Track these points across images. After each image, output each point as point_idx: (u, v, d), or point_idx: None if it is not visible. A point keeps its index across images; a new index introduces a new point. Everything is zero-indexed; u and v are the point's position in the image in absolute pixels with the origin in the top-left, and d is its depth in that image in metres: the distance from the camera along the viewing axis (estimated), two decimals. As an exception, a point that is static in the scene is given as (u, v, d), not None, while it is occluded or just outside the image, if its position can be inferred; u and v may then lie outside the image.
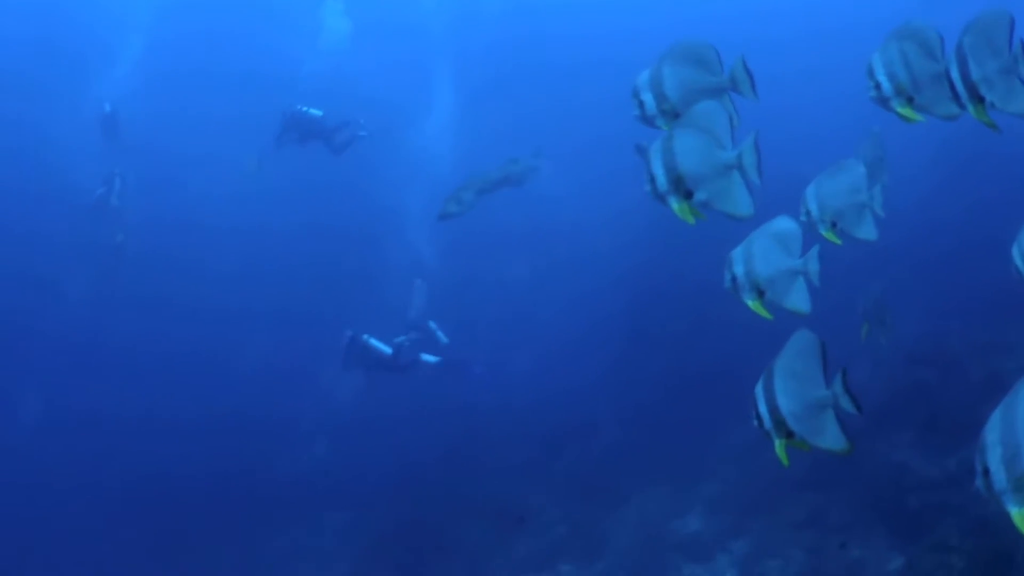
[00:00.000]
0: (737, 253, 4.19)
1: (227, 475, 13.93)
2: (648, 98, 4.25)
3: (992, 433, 2.70)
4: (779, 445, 3.74)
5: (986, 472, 2.71)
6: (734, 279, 4.20)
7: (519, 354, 14.94)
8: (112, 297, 16.45)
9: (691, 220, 4.12)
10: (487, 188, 10.46)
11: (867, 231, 4.49)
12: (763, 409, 3.71)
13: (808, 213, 4.45)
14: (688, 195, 4.07)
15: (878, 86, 4.02)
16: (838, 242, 4.46)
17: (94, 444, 14.33)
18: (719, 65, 4.28)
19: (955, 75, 3.66)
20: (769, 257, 4.16)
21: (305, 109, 13.60)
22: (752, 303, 4.21)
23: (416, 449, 13.40)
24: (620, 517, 10.94)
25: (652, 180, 4.06)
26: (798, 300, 4.22)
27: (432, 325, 13.78)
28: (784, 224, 4.21)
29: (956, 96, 3.70)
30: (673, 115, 4.25)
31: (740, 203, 4.13)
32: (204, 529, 12.94)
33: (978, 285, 10.52)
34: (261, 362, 15.88)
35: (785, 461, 3.71)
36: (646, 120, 4.32)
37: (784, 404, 3.67)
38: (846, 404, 3.63)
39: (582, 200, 17.67)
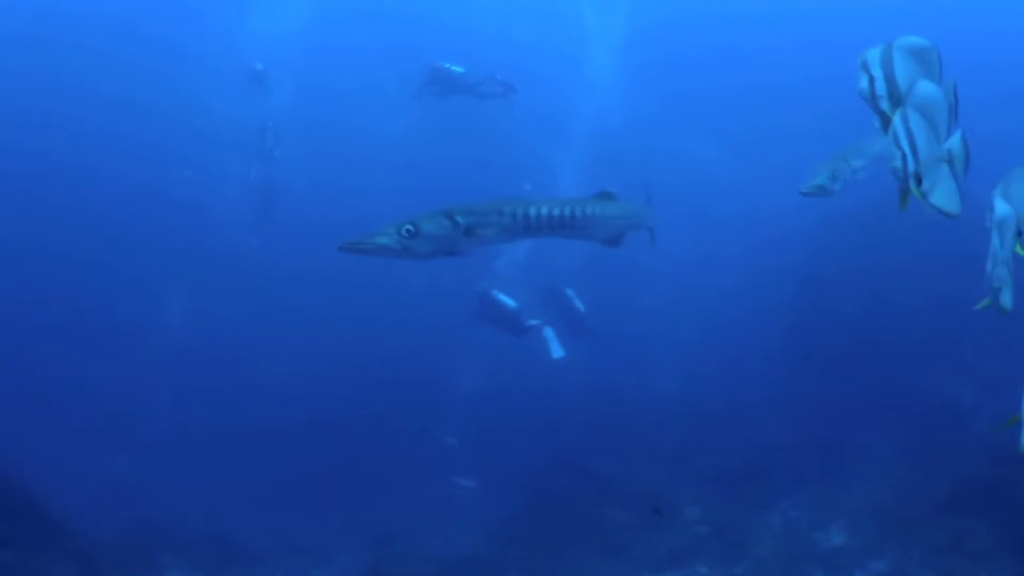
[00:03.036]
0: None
1: (364, 430, 14.09)
2: (879, 74, 4.03)
3: None
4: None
5: None
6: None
7: (672, 336, 14.52)
8: (265, 225, 16.77)
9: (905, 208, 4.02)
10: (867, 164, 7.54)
11: None
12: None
13: (997, 218, 4.11)
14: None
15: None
16: None
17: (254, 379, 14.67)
18: (938, 72, 4.09)
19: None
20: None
21: (447, 65, 13.94)
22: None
23: (556, 423, 13.12)
24: (763, 521, 10.53)
25: (903, 158, 3.89)
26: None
27: (570, 292, 13.52)
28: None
29: None
30: (895, 99, 4.02)
31: (950, 199, 3.98)
32: (338, 483, 13.08)
33: None
34: (411, 311, 15.94)
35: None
36: (869, 97, 4.07)
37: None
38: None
39: (756, 190, 17.09)
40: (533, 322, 12.47)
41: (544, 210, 5.62)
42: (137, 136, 20.17)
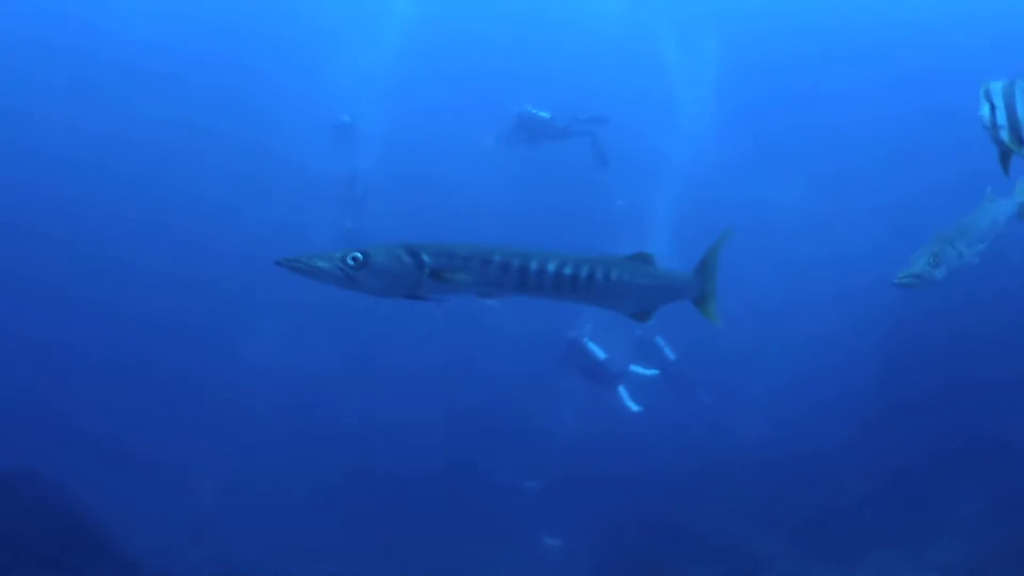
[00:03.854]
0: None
1: (449, 477, 14.11)
2: (1000, 104, 4.29)
3: None
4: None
5: None
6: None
7: (757, 382, 14.26)
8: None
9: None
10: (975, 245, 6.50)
11: None
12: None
13: None
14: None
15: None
16: None
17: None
18: None
19: None
20: None
21: (534, 111, 14.10)
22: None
23: (640, 472, 13.01)
24: (852, 576, 10.19)
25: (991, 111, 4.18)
26: None
27: (659, 341, 13.39)
28: None
29: None
30: (1016, 130, 4.27)
31: None
32: (421, 531, 13.10)
33: None
34: (499, 357, 16.00)
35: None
36: (989, 126, 4.32)
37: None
38: None
39: (845, 232, 16.81)
40: (620, 373, 12.40)
41: (550, 267, 4.79)
42: (229, 191, 20.74)
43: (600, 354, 12.50)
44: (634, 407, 12.42)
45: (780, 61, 23.71)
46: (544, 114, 14.20)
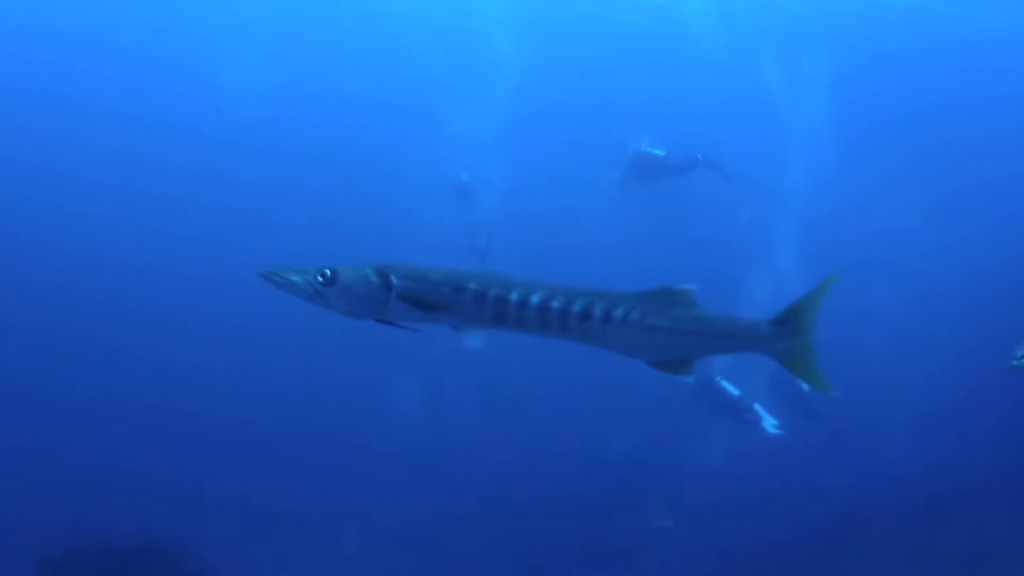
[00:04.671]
0: None
1: (583, 511, 14.01)
2: None
3: None
4: None
5: None
6: None
7: (900, 414, 13.84)
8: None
9: None
10: None
11: None
12: None
13: None
14: None
15: None
16: None
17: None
18: None
19: None
20: None
21: (650, 149, 14.19)
22: None
23: (780, 510, 12.72)
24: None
25: None
26: None
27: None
28: None
29: None
30: None
31: None
32: (554, 566, 13.03)
33: None
34: (631, 391, 15.91)
35: None
36: None
37: None
38: None
39: (969, 254, 16.29)
40: (753, 410, 12.19)
41: (533, 299, 4.25)
42: (366, 250, 21.22)
43: (733, 391, 12.32)
44: (771, 425, 12.09)
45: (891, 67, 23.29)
46: (659, 152, 14.27)
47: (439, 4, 24.45)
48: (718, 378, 12.25)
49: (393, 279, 4.29)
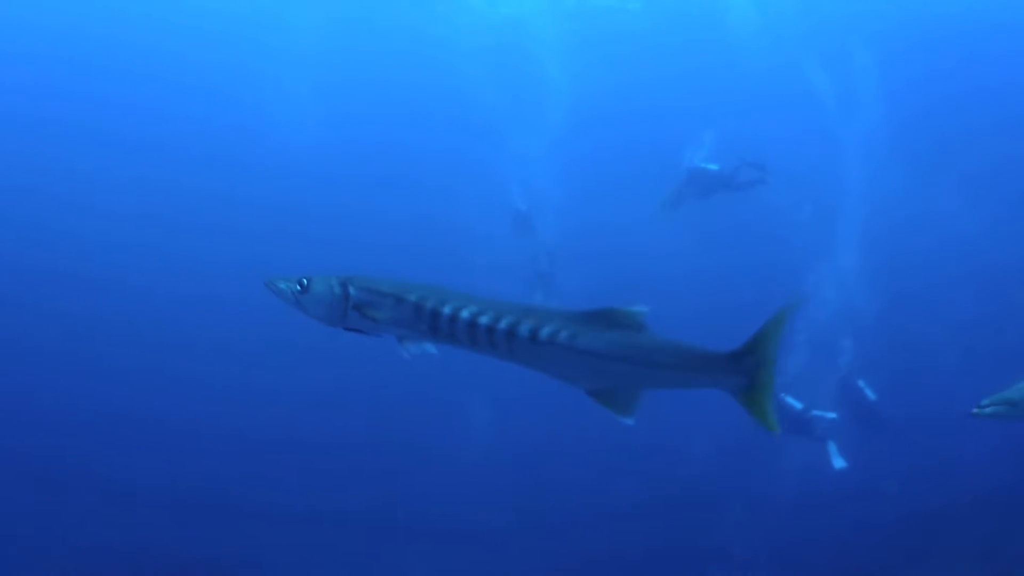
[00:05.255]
0: None
1: (653, 540, 14.01)
2: None
3: None
4: None
5: None
6: None
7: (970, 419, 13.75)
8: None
9: None
10: None
11: None
12: None
13: None
14: None
15: None
16: None
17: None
18: None
19: None
20: None
21: (703, 165, 14.27)
22: None
23: (853, 529, 12.74)
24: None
25: None
26: None
27: (861, 383, 13.15)
28: None
29: None
30: None
31: None
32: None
33: None
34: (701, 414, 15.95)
35: None
36: None
37: None
38: None
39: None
40: (821, 419, 12.12)
41: (464, 313, 4.21)
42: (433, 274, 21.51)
43: (796, 405, 12.26)
44: (840, 463, 12.09)
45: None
46: (713, 167, 14.31)
47: (488, 26, 24.69)
48: (780, 393, 12.20)
49: (351, 290, 4.46)
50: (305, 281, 4.50)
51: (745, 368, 3.93)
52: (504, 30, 24.36)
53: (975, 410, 5.80)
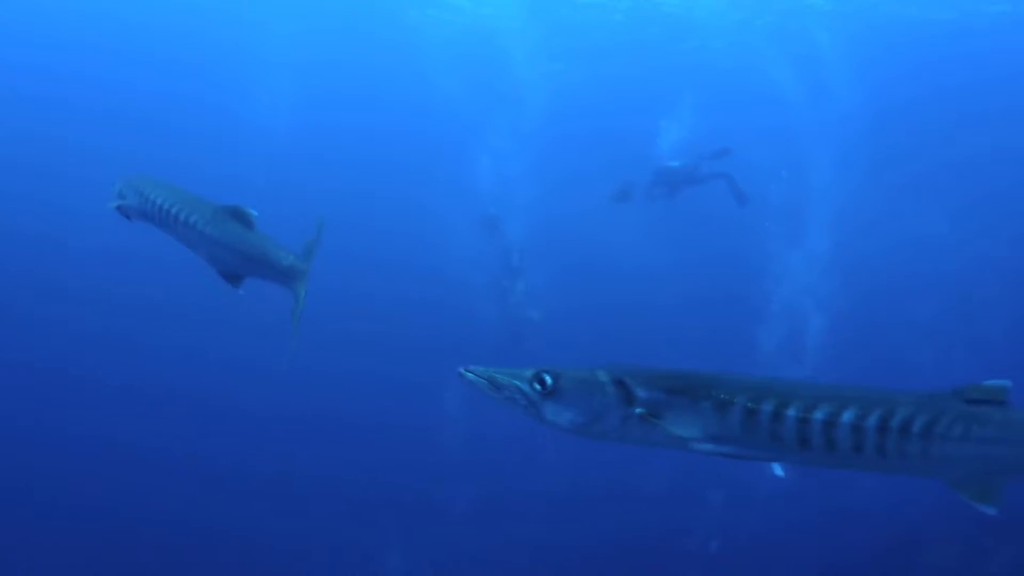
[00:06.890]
0: None
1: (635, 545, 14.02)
2: None
3: None
4: None
5: None
6: None
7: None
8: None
9: None
10: None
11: None
12: None
13: None
14: None
15: None
16: None
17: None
18: None
19: None
20: None
21: (666, 163, 14.68)
22: None
23: (828, 549, 12.62)
24: None
25: None
26: None
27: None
28: None
29: None
30: None
31: None
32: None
33: None
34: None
35: None
36: None
37: None
38: None
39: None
40: None
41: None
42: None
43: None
44: (779, 470, 12.07)
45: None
46: (674, 163, 14.67)
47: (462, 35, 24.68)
48: None
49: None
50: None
51: (295, 261, 5.17)
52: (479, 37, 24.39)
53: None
